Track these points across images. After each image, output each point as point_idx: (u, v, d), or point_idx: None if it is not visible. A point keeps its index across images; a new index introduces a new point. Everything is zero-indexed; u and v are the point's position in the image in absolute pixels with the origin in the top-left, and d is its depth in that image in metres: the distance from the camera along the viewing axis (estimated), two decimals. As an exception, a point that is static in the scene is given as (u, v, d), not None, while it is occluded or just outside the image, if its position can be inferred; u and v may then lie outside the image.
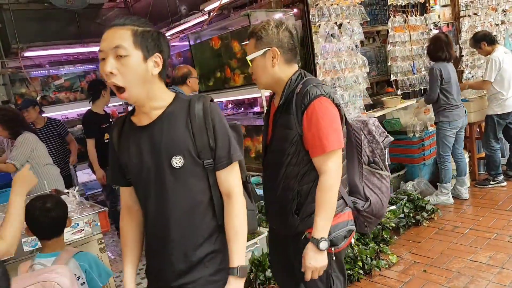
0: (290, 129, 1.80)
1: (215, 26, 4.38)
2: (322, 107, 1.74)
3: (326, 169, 1.75)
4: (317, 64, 4.08)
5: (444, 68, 4.33)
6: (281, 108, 1.86)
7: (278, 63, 1.82)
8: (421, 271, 3.29)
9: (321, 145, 1.73)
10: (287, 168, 1.84)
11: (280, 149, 1.85)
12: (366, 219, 2.04)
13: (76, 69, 6.36)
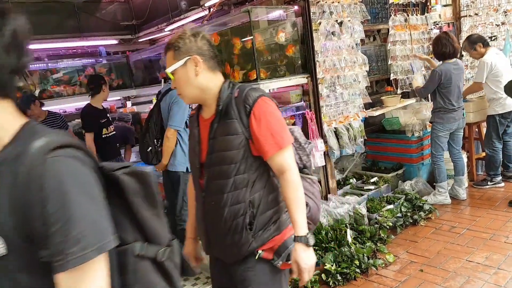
0: (235, 134, 1.70)
1: (215, 22, 4.36)
2: (268, 105, 1.72)
3: (287, 166, 1.70)
4: (317, 62, 4.07)
5: (447, 71, 4.32)
6: (218, 117, 1.74)
7: (201, 71, 1.72)
8: (418, 271, 3.29)
9: (276, 143, 1.68)
10: (235, 178, 1.71)
11: (224, 160, 1.72)
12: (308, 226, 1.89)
13: (75, 63, 6.33)
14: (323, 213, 4.00)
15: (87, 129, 4.58)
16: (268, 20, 4.09)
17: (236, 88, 1.76)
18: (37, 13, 5.77)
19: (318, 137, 4.12)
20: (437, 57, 4.52)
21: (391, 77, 5.18)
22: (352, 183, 4.82)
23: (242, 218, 1.72)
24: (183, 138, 3.70)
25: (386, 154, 5.23)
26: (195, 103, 1.86)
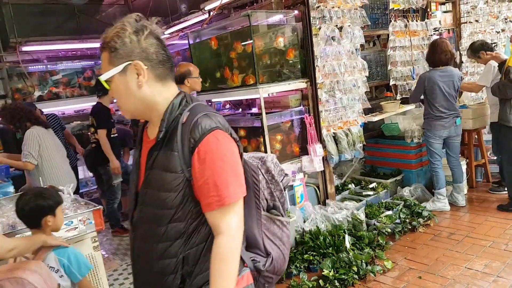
0: (174, 172, 1.31)
1: (215, 25, 4.36)
2: (219, 144, 1.30)
3: (224, 229, 1.30)
4: (316, 67, 4.06)
5: (431, 77, 4.33)
6: (160, 143, 1.36)
7: (146, 81, 1.33)
8: (416, 278, 3.27)
9: (218, 197, 1.28)
10: (168, 226, 1.33)
11: (157, 201, 1.34)
12: (266, 279, 1.59)
13: (74, 65, 6.33)
14: (321, 218, 3.98)
15: (101, 126, 4.63)
16: (268, 24, 4.08)
17: (187, 110, 1.35)
18: (37, 15, 5.78)
19: (317, 142, 4.11)
20: (429, 63, 4.53)
21: (391, 82, 5.18)
22: (350, 189, 4.80)
23: (173, 277, 1.36)
24: None
25: (385, 159, 5.22)
26: (138, 118, 1.48)
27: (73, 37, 6.12)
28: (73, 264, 2.11)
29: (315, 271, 3.47)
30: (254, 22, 3.83)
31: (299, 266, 3.47)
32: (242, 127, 4.28)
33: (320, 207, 4.20)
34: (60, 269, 2.09)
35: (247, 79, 3.97)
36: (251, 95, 4.07)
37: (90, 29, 6.27)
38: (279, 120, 4.11)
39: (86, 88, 6.37)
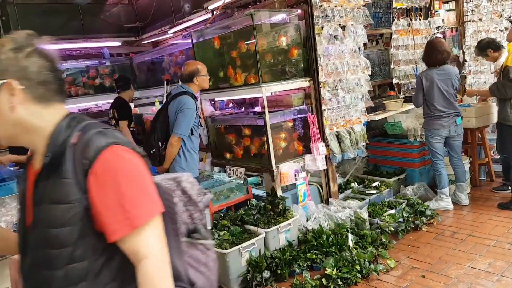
0: (66, 203, 1.10)
1: (218, 25, 4.37)
2: (120, 160, 1.12)
3: (146, 252, 1.11)
4: (319, 66, 4.06)
5: (428, 76, 4.31)
6: (46, 171, 1.15)
7: (21, 102, 1.15)
8: (419, 277, 3.27)
9: (127, 219, 1.09)
10: (68, 269, 1.12)
11: (49, 241, 1.12)
12: None
13: (79, 64, 6.35)
14: (324, 217, 3.99)
15: (123, 117, 4.86)
16: (271, 23, 4.09)
17: (78, 130, 1.17)
18: (42, 15, 5.80)
19: (319, 140, 4.11)
20: (426, 63, 4.50)
21: (394, 81, 5.18)
22: (353, 187, 4.80)
23: None
24: (186, 145, 3.71)
25: (388, 158, 5.21)
26: (14, 144, 1.25)
27: (77, 37, 6.15)
28: None
29: (318, 270, 3.48)
30: (257, 21, 3.84)
31: (302, 264, 3.48)
32: (245, 125, 4.29)
33: (323, 206, 4.21)
34: None
35: (250, 78, 3.98)
36: (254, 94, 4.08)
37: (94, 29, 6.30)
38: (282, 119, 4.13)
39: (91, 87, 6.40)
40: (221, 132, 4.70)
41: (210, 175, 4.75)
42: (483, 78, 5.69)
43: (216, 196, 4.07)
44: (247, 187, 4.28)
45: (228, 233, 3.55)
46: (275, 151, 3.97)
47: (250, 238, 3.47)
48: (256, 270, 3.31)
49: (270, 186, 4.02)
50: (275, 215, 3.77)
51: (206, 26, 4.63)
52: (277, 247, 3.62)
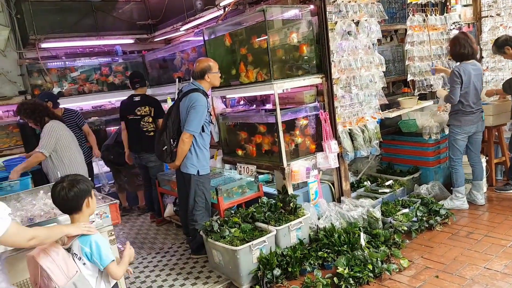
0: None
1: (230, 21, 4.34)
2: None
3: None
4: (332, 62, 4.01)
5: (465, 70, 4.19)
6: None
7: None
8: (433, 277, 3.21)
9: None
10: None
11: None
12: None
13: (92, 62, 6.40)
14: (335, 216, 3.94)
15: (160, 115, 4.86)
16: (283, 19, 4.05)
17: None
18: (56, 12, 5.86)
19: (332, 138, 4.07)
20: (455, 58, 4.39)
21: (408, 78, 5.09)
22: (366, 186, 4.74)
23: None
24: (197, 141, 3.71)
25: (402, 156, 5.14)
26: None
27: (91, 34, 6.19)
28: (94, 253, 2.14)
29: (329, 269, 3.44)
30: (269, 17, 3.80)
31: (313, 263, 3.44)
32: (256, 123, 4.27)
33: (334, 204, 4.16)
34: (83, 257, 2.13)
35: (261, 75, 3.95)
36: (266, 91, 4.05)
37: (107, 26, 6.34)
38: (293, 116, 4.09)
39: (104, 84, 6.45)
40: (232, 130, 4.68)
41: (221, 172, 4.74)
42: (500, 75, 5.55)
43: (227, 194, 4.05)
44: (258, 185, 4.25)
45: (239, 230, 3.54)
46: (286, 148, 3.94)
47: (261, 235, 3.45)
48: (267, 267, 3.29)
49: (281, 184, 3.99)
50: (286, 213, 3.74)
51: (218, 23, 4.61)
52: (288, 245, 3.59)
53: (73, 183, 2.18)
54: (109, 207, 2.82)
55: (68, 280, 2.07)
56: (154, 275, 3.85)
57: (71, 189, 2.16)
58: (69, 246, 2.17)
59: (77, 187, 2.18)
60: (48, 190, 3.36)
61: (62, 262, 2.08)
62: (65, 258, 2.11)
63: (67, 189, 2.16)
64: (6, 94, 5.68)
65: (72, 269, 2.10)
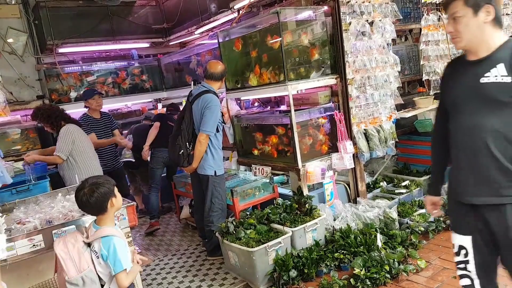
0: None
1: (244, 24, 4.37)
2: None
3: None
4: (346, 62, 4.01)
5: None
6: None
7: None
8: (451, 278, 3.17)
9: None
10: None
11: None
12: None
13: (108, 66, 6.49)
14: (351, 217, 3.93)
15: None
16: (297, 21, 4.06)
17: None
18: (72, 17, 5.96)
19: (347, 138, 4.06)
20: None
21: (424, 77, 5.04)
22: (382, 187, 4.71)
23: None
24: (212, 142, 3.75)
25: (418, 157, 5.09)
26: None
27: (107, 39, 6.28)
28: (110, 256, 2.16)
29: (345, 270, 3.43)
30: (283, 19, 3.81)
31: (329, 264, 3.44)
32: (270, 124, 4.28)
33: (350, 205, 4.15)
34: (100, 256, 2.18)
35: (276, 76, 3.96)
36: (280, 92, 4.06)
37: (123, 31, 6.42)
38: (308, 117, 4.09)
39: (121, 88, 6.52)
40: (247, 131, 4.70)
41: (236, 173, 4.77)
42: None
43: (242, 195, 4.07)
44: (273, 186, 4.26)
45: (255, 231, 3.55)
46: (301, 149, 3.94)
47: (277, 237, 3.46)
48: (283, 269, 3.30)
49: (296, 185, 3.99)
50: (302, 214, 3.74)
51: (232, 26, 4.63)
52: (304, 246, 3.59)
53: (93, 189, 2.21)
54: (126, 209, 2.85)
55: (78, 273, 2.14)
56: (170, 277, 3.89)
57: (92, 194, 2.20)
58: (90, 241, 2.22)
59: (97, 192, 2.21)
60: (66, 193, 3.43)
61: (76, 254, 2.15)
62: (80, 252, 2.17)
63: (88, 195, 2.20)
64: (25, 98, 5.80)
65: (84, 264, 2.16)
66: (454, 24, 1.83)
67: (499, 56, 1.78)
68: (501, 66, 1.76)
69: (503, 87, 1.75)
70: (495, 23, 1.79)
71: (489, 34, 1.80)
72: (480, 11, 1.76)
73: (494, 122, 1.78)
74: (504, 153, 1.77)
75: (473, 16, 1.77)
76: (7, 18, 5.72)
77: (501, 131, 1.77)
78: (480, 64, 1.83)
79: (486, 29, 1.80)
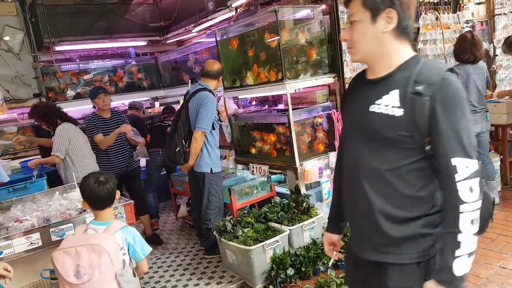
0: None
1: (242, 22, 4.37)
2: None
3: None
4: (344, 61, 4.01)
5: (464, 71, 4.15)
6: None
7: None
8: (448, 276, 3.19)
9: None
10: None
11: None
12: None
13: (105, 64, 6.46)
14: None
15: None
16: (294, 19, 4.06)
17: None
18: (69, 15, 5.93)
19: (344, 138, 4.06)
20: (455, 57, 4.35)
21: (421, 77, 5.05)
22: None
23: None
24: (208, 139, 3.75)
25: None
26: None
27: (104, 37, 6.25)
28: (136, 243, 2.21)
29: (343, 268, 3.44)
30: (281, 18, 3.82)
31: (326, 263, 3.44)
32: (268, 123, 4.28)
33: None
34: (125, 247, 2.18)
35: (273, 75, 3.96)
36: (278, 91, 4.06)
37: (120, 29, 6.39)
38: (305, 116, 4.09)
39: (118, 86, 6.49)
40: (244, 130, 4.70)
41: (234, 172, 4.77)
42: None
43: (239, 194, 4.07)
44: (270, 185, 4.27)
45: (252, 230, 3.55)
46: (298, 148, 3.95)
47: (274, 235, 3.46)
48: (280, 267, 3.30)
49: (293, 183, 4.00)
50: (299, 213, 3.75)
51: (230, 24, 4.63)
52: (301, 245, 3.59)
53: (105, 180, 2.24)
54: (124, 207, 2.85)
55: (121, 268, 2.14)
56: (168, 275, 3.89)
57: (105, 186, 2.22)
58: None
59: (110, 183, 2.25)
60: (63, 191, 3.42)
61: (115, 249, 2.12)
62: (117, 246, 2.14)
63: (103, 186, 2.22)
64: (21, 96, 5.78)
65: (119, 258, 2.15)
66: (350, 31, 1.44)
67: (396, 80, 1.38)
68: (394, 93, 1.36)
69: (390, 121, 1.36)
70: (399, 33, 1.38)
71: (390, 47, 1.39)
72: (379, 16, 1.35)
73: (377, 162, 1.41)
74: (383, 201, 1.41)
75: (370, 23, 1.37)
76: (3, 16, 5.69)
77: (382, 174, 1.40)
78: (375, 86, 1.44)
79: (386, 41, 1.39)
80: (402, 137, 1.35)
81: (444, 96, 1.29)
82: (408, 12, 1.38)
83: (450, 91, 1.30)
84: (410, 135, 1.35)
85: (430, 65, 1.37)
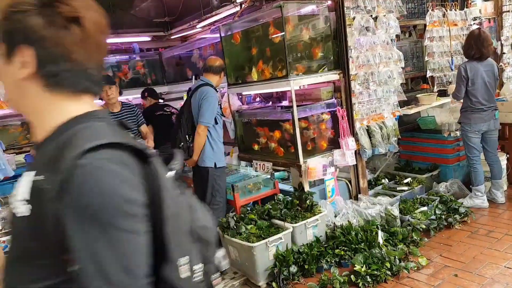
0: None
1: (246, 18, 4.33)
2: None
3: None
4: (350, 58, 3.97)
5: (472, 67, 4.10)
6: None
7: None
8: (452, 276, 3.16)
9: None
10: None
11: None
12: None
13: (109, 59, 6.44)
14: (352, 213, 3.91)
15: None
16: (300, 15, 4.03)
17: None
18: (74, 11, 5.91)
19: (349, 135, 4.03)
20: (464, 54, 4.31)
21: (428, 74, 5.01)
22: (384, 184, 4.69)
23: None
24: (211, 134, 3.75)
25: (421, 154, 5.07)
26: None
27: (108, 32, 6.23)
28: None
29: (346, 266, 3.42)
30: (286, 13, 3.78)
31: (329, 260, 3.42)
32: (272, 120, 4.25)
33: (352, 202, 4.13)
34: None
35: (278, 72, 3.93)
36: (282, 88, 4.04)
37: (124, 24, 6.37)
38: (310, 113, 4.06)
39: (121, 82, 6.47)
40: (248, 126, 4.68)
41: (237, 169, 4.75)
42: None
43: (243, 190, 4.05)
44: (274, 182, 4.24)
45: (255, 227, 3.54)
46: (302, 145, 3.92)
47: (277, 232, 3.44)
48: (283, 264, 3.28)
49: (297, 181, 3.97)
50: (303, 210, 3.72)
51: (234, 20, 4.60)
52: (305, 242, 3.57)
53: None
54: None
55: None
56: None
57: None
58: None
59: None
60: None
61: None
62: None
63: None
64: (26, 91, 5.77)
65: None
66: None
67: (44, 152, 0.87)
68: (28, 177, 0.84)
69: (22, 224, 0.84)
70: (48, 82, 0.88)
71: (36, 102, 0.89)
72: (14, 55, 0.86)
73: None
74: None
75: (6, 62, 0.88)
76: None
77: None
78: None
79: (30, 92, 0.88)
80: (32, 249, 0.83)
81: (74, 198, 0.74)
82: (58, 51, 0.86)
83: (84, 190, 0.74)
84: (41, 246, 0.81)
85: (80, 135, 0.82)
